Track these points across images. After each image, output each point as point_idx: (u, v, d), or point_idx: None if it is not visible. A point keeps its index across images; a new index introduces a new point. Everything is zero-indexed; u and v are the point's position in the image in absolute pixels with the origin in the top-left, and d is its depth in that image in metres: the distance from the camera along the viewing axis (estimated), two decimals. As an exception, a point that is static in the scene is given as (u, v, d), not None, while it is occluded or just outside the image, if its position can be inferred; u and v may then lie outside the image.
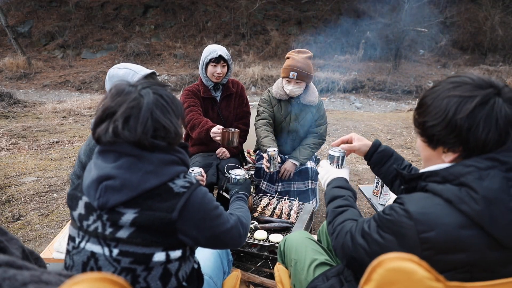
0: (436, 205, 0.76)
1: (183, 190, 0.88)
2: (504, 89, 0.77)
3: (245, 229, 1.08)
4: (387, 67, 14.25)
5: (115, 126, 0.84)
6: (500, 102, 0.75)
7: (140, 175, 0.85)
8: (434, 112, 0.82)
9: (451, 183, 0.78)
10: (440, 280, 0.66)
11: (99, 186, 0.85)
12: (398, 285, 0.64)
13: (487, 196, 0.71)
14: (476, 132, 0.76)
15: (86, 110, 7.89)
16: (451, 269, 0.73)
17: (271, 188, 2.43)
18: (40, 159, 4.26)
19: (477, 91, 0.77)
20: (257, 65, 13.31)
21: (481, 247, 0.72)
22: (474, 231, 0.72)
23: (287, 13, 16.87)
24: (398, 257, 0.65)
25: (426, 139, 0.88)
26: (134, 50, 14.69)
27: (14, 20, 16.06)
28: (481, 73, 12.20)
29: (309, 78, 2.31)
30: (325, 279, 1.17)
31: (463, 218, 0.73)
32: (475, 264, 0.73)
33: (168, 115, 0.89)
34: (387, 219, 0.83)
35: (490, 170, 0.74)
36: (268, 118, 2.44)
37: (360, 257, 0.89)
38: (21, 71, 13.12)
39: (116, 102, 0.86)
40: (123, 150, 0.86)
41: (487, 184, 0.72)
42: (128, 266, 0.84)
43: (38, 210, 2.96)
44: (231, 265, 1.52)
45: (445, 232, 0.72)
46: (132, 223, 0.84)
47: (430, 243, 0.73)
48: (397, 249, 0.78)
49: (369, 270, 0.65)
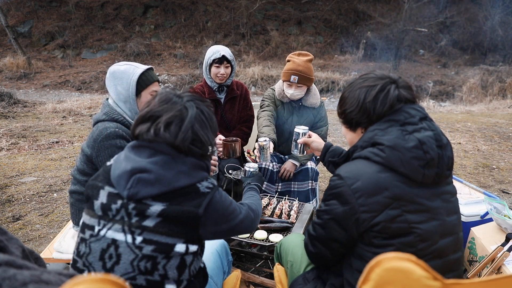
0: (358, 164, 1.00)
1: (207, 190, 0.98)
2: (399, 80, 1.05)
3: (256, 214, 1.19)
4: (387, 67, 14.24)
5: (157, 128, 0.94)
6: (393, 88, 1.02)
7: (174, 173, 0.93)
8: (351, 101, 1.08)
9: (367, 147, 1.01)
10: (438, 278, 0.66)
11: (131, 177, 0.91)
12: (396, 284, 0.65)
13: (389, 144, 0.94)
14: (379, 110, 1.02)
15: (86, 110, 7.89)
16: (385, 207, 0.92)
17: (271, 188, 2.43)
18: (40, 159, 4.26)
19: (378, 81, 1.04)
20: (257, 65, 13.31)
21: (397, 183, 0.93)
22: (388, 173, 0.94)
23: (287, 13, 16.86)
24: (396, 256, 0.65)
25: (347, 124, 1.14)
26: (134, 50, 14.69)
27: (14, 20, 16.06)
28: (481, 73, 12.17)
29: (310, 81, 2.29)
30: (306, 281, 1.21)
31: (378, 166, 0.96)
32: (400, 198, 0.92)
33: (206, 130, 1.01)
34: (327, 190, 1.05)
35: (389, 128, 0.99)
36: (273, 111, 2.42)
37: (320, 238, 1.07)
38: (21, 71, 13.11)
39: (162, 108, 0.97)
40: (160, 148, 0.94)
41: (388, 137, 0.96)
42: (149, 253, 0.89)
43: (38, 210, 2.96)
44: (231, 265, 1.52)
45: (368, 179, 0.94)
46: (160, 214, 0.90)
47: (360, 191, 0.94)
48: (341, 208, 0.97)
49: (367, 270, 0.66)
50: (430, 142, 0.94)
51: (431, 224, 0.94)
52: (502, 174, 3.84)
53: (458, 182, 2.49)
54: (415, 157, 0.92)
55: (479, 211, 2.12)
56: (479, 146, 4.93)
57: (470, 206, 2.16)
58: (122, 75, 1.59)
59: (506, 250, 1.51)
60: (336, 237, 1.02)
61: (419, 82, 13.30)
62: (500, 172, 3.90)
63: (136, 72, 1.59)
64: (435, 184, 0.97)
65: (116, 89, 1.60)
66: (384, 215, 0.92)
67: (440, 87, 13.02)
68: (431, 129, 0.98)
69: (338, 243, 1.03)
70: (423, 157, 0.92)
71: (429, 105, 10.13)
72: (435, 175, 0.95)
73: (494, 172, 3.90)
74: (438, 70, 14.68)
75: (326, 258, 1.10)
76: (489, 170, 3.98)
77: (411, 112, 0.99)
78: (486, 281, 0.70)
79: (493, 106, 9.51)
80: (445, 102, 11.64)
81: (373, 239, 0.95)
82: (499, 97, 11.01)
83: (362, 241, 0.98)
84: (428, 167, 0.93)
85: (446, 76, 13.88)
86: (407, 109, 1.00)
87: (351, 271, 1.02)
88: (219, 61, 2.28)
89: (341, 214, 0.97)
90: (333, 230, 1.02)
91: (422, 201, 0.94)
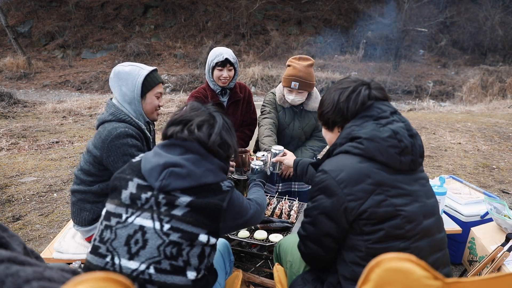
0: (339, 158, 1.07)
1: (228, 188, 1.09)
2: (371, 83, 1.14)
3: (262, 208, 1.32)
4: (387, 67, 14.25)
5: (191, 128, 1.07)
6: (364, 88, 1.11)
7: (203, 170, 1.04)
8: (327, 103, 1.17)
9: (346, 143, 1.08)
10: (438, 278, 0.66)
11: (164, 170, 1.00)
12: (396, 285, 0.65)
13: (367, 137, 1.02)
14: (352, 108, 1.11)
15: (86, 110, 7.89)
16: (370, 194, 0.97)
17: (271, 188, 2.43)
18: (40, 159, 4.26)
19: (351, 84, 1.14)
20: (257, 65, 13.30)
21: (378, 171, 1.00)
22: (368, 162, 1.01)
23: (287, 13, 16.86)
24: (396, 257, 0.65)
25: (325, 125, 1.23)
26: (134, 50, 14.69)
27: (14, 20, 16.07)
28: (481, 73, 12.16)
29: (311, 87, 2.26)
30: (305, 281, 1.22)
31: (358, 157, 1.03)
32: (382, 184, 0.98)
33: (231, 136, 1.15)
34: (312, 188, 1.10)
35: (364, 123, 1.07)
36: (274, 118, 2.39)
37: (312, 236, 1.10)
38: (21, 71, 13.12)
39: (193, 114, 1.11)
40: (191, 147, 1.05)
41: (364, 130, 1.04)
42: (176, 240, 0.97)
43: (38, 210, 2.96)
44: (232, 265, 1.52)
45: (351, 169, 1.00)
46: (188, 204, 0.99)
47: (345, 181, 0.99)
48: (328, 201, 1.02)
49: (367, 270, 0.66)
50: (403, 131, 1.03)
51: (414, 206, 1.00)
52: (502, 174, 3.84)
53: (458, 182, 2.49)
54: (391, 145, 1.00)
55: (479, 211, 2.12)
56: (479, 146, 4.93)
57: (470, 206, 2.16)
58: (127, 76, 1.59)
59: (506, 250, 1.51)
60: (327, 232, 1.04)
61: (419, 82, 13.30)
62: (500, 172, 3.90)
63: (141, 73, 1.60)
64: (411, 171, 1.05)
65: (120, 90, 1.60)
66: (370, 201, 0.97)
67: (440, 87, 13.02)
68: (402, 121, 1.08)
69: (330, 238, 1.05)
70: (398, 145, 1.00)
71: (429, 105, 10.13)
72: (411, 162, 1.03)
73: (494, 172, 3.90)
74: (438, 70, 14.69)
75: (320, 257, 1.11)
76: (489, 170, 3.98)
77: (382, 108, 1.09)
78: (486, 279, 0.70)
79: (493, 106, 9.52)
80: (445, 102, 11.65)
81: (363, 227, 0.98)
82: (499, 97, 11.01)
83: (353, 232, 1.01)
84: (404, 154, 1.01)
85: (446, 76, 13.89)
86: (379, 105, 1.10)
87: (345, 265, 1.04)
88: (221, 64, 2.24)
89: (330, 206, 1.02)
90: (324, 224, 1.04)
91: (403, 186, 1.01)
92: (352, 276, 1.01)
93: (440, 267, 1.03)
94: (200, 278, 1.00)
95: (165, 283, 0.93)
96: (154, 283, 0.93)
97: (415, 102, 10.94)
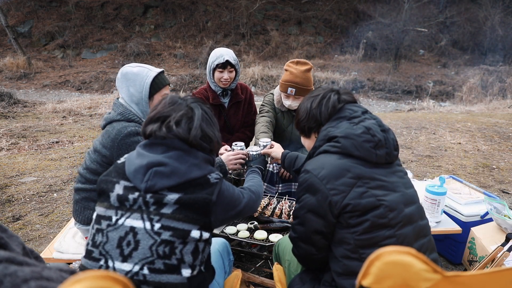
0: (319, 158, 1.13)
1: (216, 180, 1.07)
2: (340, 89, 1.25)
3: (257, 195, 1.31)
4: (387, 67, 14.25)
5: (169, 125, 1.03)
6: (333, 94, 1.21)
7: (187, 166, 1.02)
8: (301, 112, 1.26)
9: (324, 144, 1.14)
10: (437, 271, 0.66)
11: (148, 171, 0.99)
12: (396, 278, 0.65)
13: (342, 135, 1.09)
14: (324, 113, 1.20)
15: (86, 110, 7.89)
16: (351, 187, 1.02)
17: (271, 189, 2.42)
18: (40, 159, 4.26)
19: (321, 91, 1.24)
20: (257, 65, 13.30)
21: (356, 165, 1.06)
22: (346, 159, 1.08)
23: (287, 13, 16.87)
24: (395, 250, 0.65)
25: (303, 133, 1.30)
26: (134, 50, 14.69)
27: (14, 20, 16.07)
28: (481, 73, 12.15)
29: (308, 92, 2.25)
30: (303, 281, 1.23)
31: (337, 155, 1.09)
32: (362, 176, 1.04)
33: (211, 127, 1.12)
34: (297, 189, 1.15)
35: (339, 123, 1.15)
36: (272, 118, 2.39)
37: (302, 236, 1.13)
38: (21, 71, 13.12)
39: (170, 109, 1.07)
40: (173, 144, 1.03)
41: (339, 130, 1.11)
42: (168, 238, 0.96)
43: (38, 210, 2.96)
44: (232, 264, 1.52)
45: (331, 166, 1.06)
46: (177, 201, 0.98)
47: (326, 177, 1.05)
48: (313, 198, 1.06)
49: (367, 264, 0.66)
50: (375, 127, 1.11)
51: (394, 195, 1.05)
52: (502, 174, 3.84)
53: (458, 182, 2.49)
54: (365, 140, 1.07)
55: (479, 211, 2.12)
56: (479, 146, 4.93)
57: (470, 206, 2.16)
58: (135, 77, 1.60)
59: (506, 250, 1.51)
60: (316, 228, 1.07)
61: (419, 82, 13.30)
62: (500, 172, 3.90)
63: (149, 75, 1.61)
64: (388, 164, 1.12)
65: (128, 91, 1.61)
66: (352, 193, 1.02)
67: (440, 87, 13.02)
68: (373, 118, 1.16)
69: (319, 235, 1.08)
70: (372, 140, 1.07)
71: (429, 105, 10.12)
72: (386, 155, 1.09)
73: (494, 172, 3.90)
74: (438, 70, 14.69)
75: (313, 256, 1.13)
76: (489, 170, 3.98)
77: (353, 109, 1.18)
78: (485, 274, 0.70)
79: (493, 106, 9.51)
80: (445, 102, 11.65)
81: (349, 220, 1.02)
82: (499, 97, 11.00)
83: (340, 226, 1.05)
84: (378, 148, 1.08)
85: (446, 76, 13.89)
86: (350, 106, 1.19)
87: (336, 261, 1.06)
88: (222, 66, 2.23)
89: (315, 203, 1.06)
90: (312, 222, 1.08)
91: (381, 178, 1.07)
92: (344, 271, 1.03)
93: (426, 252, 1.07)
94: (196, 274, 1.00)
95: (160, 282, 0.93)
96: (149, 284, 0.92)
97: (415, 102, 10.94)
